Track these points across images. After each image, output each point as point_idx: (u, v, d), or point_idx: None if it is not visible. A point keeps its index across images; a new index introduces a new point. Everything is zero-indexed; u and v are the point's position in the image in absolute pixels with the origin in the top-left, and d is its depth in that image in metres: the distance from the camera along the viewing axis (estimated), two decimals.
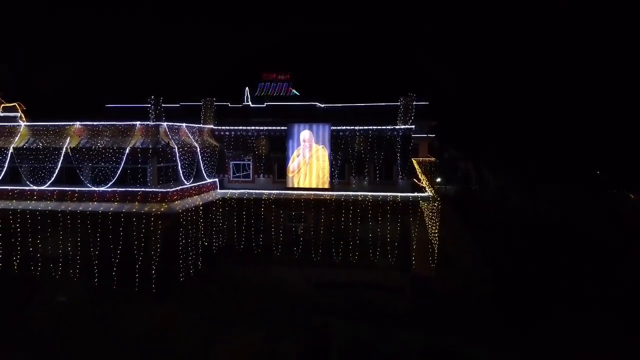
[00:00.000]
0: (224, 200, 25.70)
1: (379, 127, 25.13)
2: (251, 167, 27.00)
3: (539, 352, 18.77)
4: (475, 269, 26.37)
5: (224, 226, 25.90)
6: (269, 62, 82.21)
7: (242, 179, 27.12)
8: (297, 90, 51.72)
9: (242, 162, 27.12)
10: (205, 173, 24.72)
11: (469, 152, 61.96)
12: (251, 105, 36.48)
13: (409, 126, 24.99)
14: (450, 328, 21.12)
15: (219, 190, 25.99)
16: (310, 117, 31.15)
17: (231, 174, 27.14)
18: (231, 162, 27.06)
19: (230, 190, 26.13)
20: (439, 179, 61.17)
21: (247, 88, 38.94)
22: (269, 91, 50.67)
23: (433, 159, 52.32)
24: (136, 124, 21.25)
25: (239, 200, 25.78)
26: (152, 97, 21.78)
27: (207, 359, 17.95)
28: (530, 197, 50.78)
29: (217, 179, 26.20)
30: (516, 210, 45.14)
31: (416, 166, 34.26)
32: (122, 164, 20.80)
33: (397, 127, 24.99)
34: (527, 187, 56.18)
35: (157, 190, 20.80)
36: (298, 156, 26.01)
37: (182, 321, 20.50)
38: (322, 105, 36.35)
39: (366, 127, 25.39)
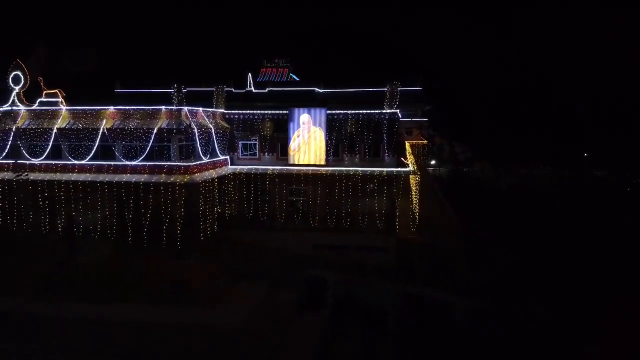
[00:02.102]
0: (234, 174, 29.73)
1: (368, 111, 29.02)
2: (257, 146, 30.93)
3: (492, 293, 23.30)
4: (449, 232, 30.65)
5: (235, 197, 29.98)
6: (269, 48, 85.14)
7: (249, 157, 31.11)
8: (296, 76, 55.00)
9: (249, 142, 31.04)
10: (219, 151, 28.71)
11: (458, 137, 65.67)
12: (254, 90, 38.76)
13: (394, 110, 28.89)
14: (425, 279, 25.49)
15: (229, 166, 30.00)
16: (309, 102, 33.52)
17: (240, 152, 31.11)
18: (240, 142, 30.99)
19: (240, 166, 30.13)
20: (433, 162, 65.09)
21: (249, 74, 41.85)
22: (270, 77, 53.97)
23: (425, 141, 56.21)
24: (162, 108, 25.18)
25: (247, 174, 29.80)
26: (175, 85, 25.52)
27: (222, 303, 22.06)
28: (509, 176, 55.18)
29: (228, 156, 30.19)
30: (492, 187, 49.53)
31: (408, 147, 38.18)
32: (151, 142, 24.76)
33: (384, 111, 28.92)
34: (509, 169, 60.49)
35: (180, 164, 24.84)
36: (298, 137, 29.94)
37: (202, 273, 24.69)
38: (321, 91, 39.20)
39: (356, 111, 29.28)
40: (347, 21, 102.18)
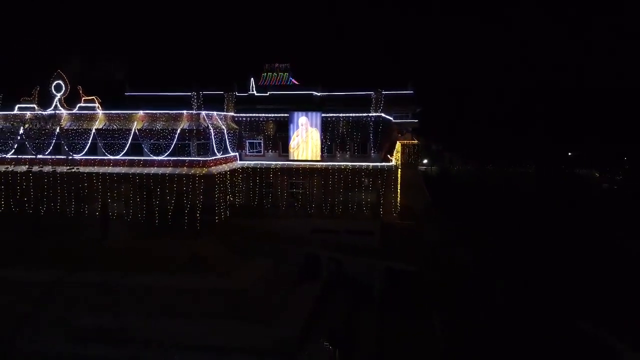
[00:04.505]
0: (242, 169, 34.64)
1: (356, 115, 33.95)
2: (262, 144, 35.83)
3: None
4: (428, 218, 35.69)
5: (243, 188, 34.88)
6: (269, 53, 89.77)
7: (255, 153, 36.02)
8: (296, 80, 59.50)
9: (255, 141, 35.95)
10: (230, 148, 33.65)
11: (444, 138, 70.58)
12: (256, 94, 41.39)
13: (378, 114, 33.84)
14: (406, 257, 30.48)
15: (238, 162, 34.91)
16: (307, 104, 36.72)
17: (247, 149, 36.03)
18: (247, 141, 35.91)
19: (247, 162, 35.05)
20: (425, 160, 70.05)
21: (252, 79, 45.83)
22: (270, 81, 58.38)
23: (416, 141, 61.07)
24: (184, 113, 30.15)
25: (254, 169, 34.71)
26: (194, 92, 30.42)
27: (234, 274, 26.83)
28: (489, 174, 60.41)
29: (237, 153, 35.11)
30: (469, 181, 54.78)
31: (399, 147, 42.87)
32: (175, 141, 29.68)
33: (370, 114, 33.87)
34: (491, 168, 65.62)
35: (199, 159, 29.80)
36: (297, 136, 34.86)
37: (217, 251, 29.54)
38: (318, 94, 41.82)
39: (347, 115, 34.20)
40: (345, 24, 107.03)
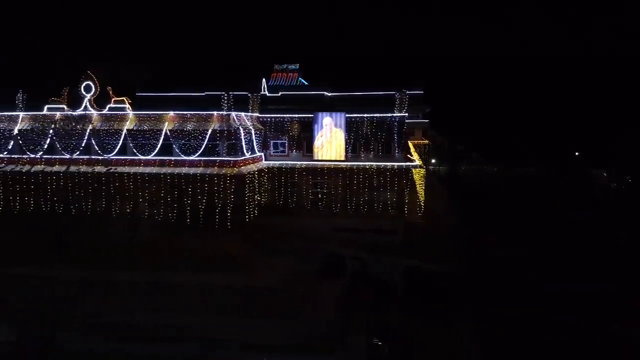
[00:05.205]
0: (268, 168, 35.16)
1: (381, 115, 34.54)
2: (286, 144, 36.37)
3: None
4: (447, 217, 36.33)
5: (268, 187, 35.41)
6: (279, 53, 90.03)
7: (279, 153, 36.54)
8: (305, 80, 60.08)
9: (279, 141, 36.48)
10: (256, 148, 34.16)
11: (457, 137, 71.31)
12: (267, 94, 41.66)
13: (402, 114, 34.43)
14: (428, 256, 31.04)
15: (263, 162, 35.43)
16: (319, 105, 36.96)
17: (271, 149, 36.55)
18: (271, 141, 36.44)
19: (272, 162, 35.58)
20: (433, 160, 70.72)
21: (263, 79, 46.29)
22: (281, 81, 58.94)
23: (427, 141, 61.81)
24: (214, 113, 30.65)
25: (279, 168, 35.25)
26: (225, 93, 30.87)
27: (260, 271, 27.40)
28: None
29: (262, 153, 35.63)
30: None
31: (411, 146, 43.58)
32: (206, 141, 30.19)
33: (394, 114, 34.45)
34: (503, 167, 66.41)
35: (230, 159, 30.31)
36: (321, 136, 35.40)
37: (243, 248, 30.06)
38: (330, 94, 42.00)
39: (371, 115, 34.77)
40: (349, 24, 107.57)
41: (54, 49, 63.97)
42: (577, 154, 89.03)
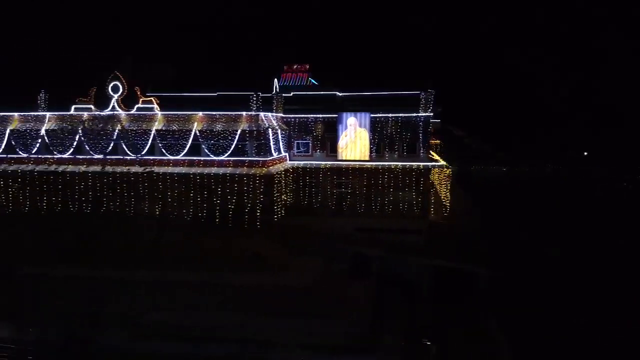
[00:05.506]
0: (292, 168, 35.30)
1: (406, 115, 34.67)
2: (310, 144, 36.49)
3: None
4: (469, 216, 36.52)
5: (293, 187, 35.54)
6: (288, 53, 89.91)
7: (303, 154, 36.67)
8: (315, 80, 60.14)
9: (303, 141, 36.59)
10: (282, 148, 34.28)
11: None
12: (278, 94, 39.87)
13: (428, 114, 34.58)
14: (452, 255, 31.22)
15: (288, 162, 35.56)
16: (330, 105, 36.79)
17: (295, 149, 36.68)
18: (295, 141, 36.56)
19: (296, 162, 35.70)
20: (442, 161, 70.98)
21: (275, 79, 46.26)
22: (291, 81, 58.98)
23: (438, 141, 61.91)
24: (243, 114, 30.74)
25: (303, 168, 35.38)
26: (254, 93, 31.00)
27: (289, 271, 27.53)
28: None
29: (287, 153, 35.76)
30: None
31: None
32: (235, 141, 30.31)
33: (419, 114, 34.59)
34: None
35: (259, 159, 30.45)
36: (346, 136, 35.53)
37: (271, 248, 30.18)
38: (341, 94, 41.24)
39: (396, 115, 34.90)
40: (359, 24, 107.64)
41: (62, 48, 64.19)
42: (585, 153, 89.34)
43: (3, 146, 33.59)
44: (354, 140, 35.43)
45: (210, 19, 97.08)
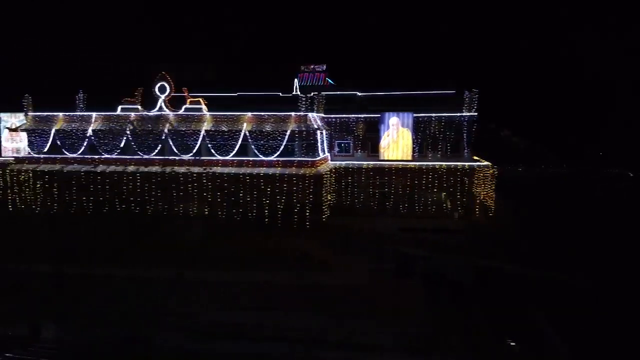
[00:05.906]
0: (335, 168, 35.37)
1: (449, 114, 34.69)
2: (351, 145, 36.56)
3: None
4: (508, 217, 36.47)
5: (335, 187, 35.62)
6: (306, 53, 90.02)
7: (343, 154, 36.75)
8: (332, 80, 60.20)
9: (343, 142, 36.67)
10: (326, 148, 34.36)
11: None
12: (300, 94, 39.70)
13: (472, 113, 34.57)
14: (493, 255, 31.13)
15: (330, 162, 35.63)
16: (349, 105, 36.69)
17: (336, 150, 36.76)
18: (336, 141, 36.64)
19: (338, 162, 35.78)
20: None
21: (296, 79, 46.32)
22: (308, 81, 59.10)
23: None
24: (292, 114, 30.84)
25: (345, 168, 35.44)
26: (302, 95, 31.15)
27: (337, 270, 27.52)
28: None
29: (329, 154, 35.84)
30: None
31: None
32: (285, 141, 30.42)
33: (464, 114, 34.59)
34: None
35: (308, 159, 30.55)
36: (388, 136, 35.58)
37: (317, 248, 30.23)
38: (360, 94, 41.76)
39: (439, 114, 34.93)
40: (375, 24, 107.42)
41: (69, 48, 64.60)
42: (600, 153, 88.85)
43: (48, 146, 33.86)
44: (396, 140, 35.48)
45: (225, 19, 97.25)
